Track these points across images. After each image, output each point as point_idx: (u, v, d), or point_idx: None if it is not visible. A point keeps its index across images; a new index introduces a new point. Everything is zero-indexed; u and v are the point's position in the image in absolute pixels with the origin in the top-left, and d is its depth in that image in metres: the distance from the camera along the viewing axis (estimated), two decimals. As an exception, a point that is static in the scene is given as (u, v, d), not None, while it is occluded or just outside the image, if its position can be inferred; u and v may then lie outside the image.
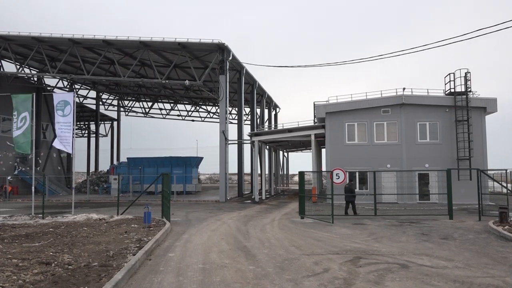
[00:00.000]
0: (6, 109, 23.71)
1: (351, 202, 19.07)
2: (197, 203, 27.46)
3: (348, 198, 19.11)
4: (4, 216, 18.81)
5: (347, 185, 19.45)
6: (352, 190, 19.29)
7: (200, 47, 30.06)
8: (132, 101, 55.59)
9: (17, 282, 7.08)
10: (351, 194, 19.11)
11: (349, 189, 19.25)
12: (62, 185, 40.44)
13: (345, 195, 19.22)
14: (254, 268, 8.77)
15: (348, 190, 19.20)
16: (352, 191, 19.25)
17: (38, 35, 30.12)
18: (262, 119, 43.87)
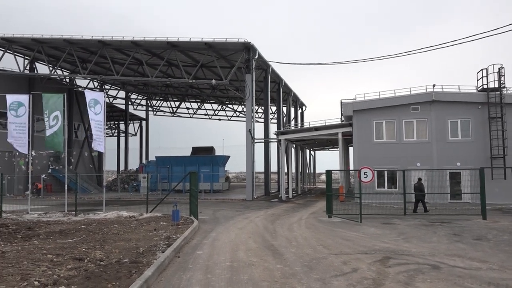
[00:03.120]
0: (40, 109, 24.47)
1: (420, 200, 19.27)
2: (224, 202, 27.65)
3: (417, 196, 19.30)
4: (39, 213, 19.47)
5: (416, 184, 19.60)
6: (421, 189, 19.40)
7: (226, 46, 30.21)
8: (160, 101, 56.48)
9: (52, 277, 7.32)
10: (421, 193, 19.25)
11: (419, 188, 19.37)
12: (93, 183, 41.51)
13: (415, 194, 19.39)
14: (282, 267, 8.76)
15: (418, 189, 19.35)
16: (421, 190, 19.37)
17: (70, 37, 30.97)
18: (288, 118, 43.73)
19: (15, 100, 20.55)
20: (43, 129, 36.01)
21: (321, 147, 50.38)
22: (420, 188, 19.44)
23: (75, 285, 6.85)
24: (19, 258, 8.97)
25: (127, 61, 32.30)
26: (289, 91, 42.13)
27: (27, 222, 16.04)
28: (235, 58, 31.91)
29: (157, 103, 57.18)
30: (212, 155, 39.09)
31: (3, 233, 13.00)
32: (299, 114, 49.42)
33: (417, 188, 19.46)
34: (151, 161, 42.69)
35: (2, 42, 32.80)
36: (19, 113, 20.28)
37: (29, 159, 23.04)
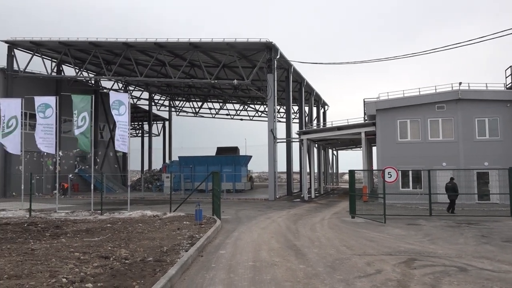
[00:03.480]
0: (67, 111, 25.13)
1: (453, 200, 18.94)
2: (247, 201, 27.71)
3: (451, 196, 18.94)
4: (67, 212, 19.97)
5: (449, 184, 19.24)
6: (455, 189, 19.03)
7: (248, 46, 30.27)
8: (182, 101, 57.09)
9: (79, 275, 7.49)
10: (454, 193, 18.90)
11: (452, 188, 19.02)
12: (118, 183, 42.27)
13: (448, 194, 19.02)
14: (305, 267, 8.72)
15: (451, 189, 19.00)
16: (455, 189, 19.00)
17: (95, 39, 31.61)
18: (310, 117, 43.50)
19: (43, 102, 21.15)
20: (69, 130, 37.05)
21: (344, 147, 49.91)
22: (453, 188, 19.00)
23: (101, 283, 6.99)
24: (48, 256, 9.22)
25: (151, 63, 32.75)
26: (311, 91, 41.90)
27: (55, 220, 16.46)
28: (257, 58, 31.94)
29: (180, 103, 57.83)
30: (234, 155, 39.25)
31: (32, 231, 13.39)
32: (322, 114, 49.10)
33: (450, 188, 19.01)
34: (174, 161, 43.18)
35: (31, 46, 33.76)
36: (46, 114, 20.86)
37: (56, 159, 23.63)
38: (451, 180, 19.36)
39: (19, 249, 10.07)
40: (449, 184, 19.22)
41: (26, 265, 8.30)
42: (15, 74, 33.55)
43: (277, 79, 31.67)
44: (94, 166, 25.52)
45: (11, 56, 33.75)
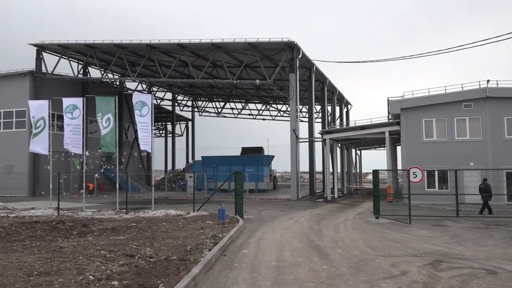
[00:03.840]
0: (93, 111, 25.63)
1: (486, 201, 18.50)
2: (269, 201, 27.70)
3: (485, 198, 18.50)
4: (93, 210, 20.41)
5: (482, 185, 18.82)
6: (488, 190, 18.58)
7: (270, 46, 30.24)
8: (205, 102, 57.55)
9: (106, 272, 7.64)
10: (488, 194, 18.47)
11: (485, 189, 18.59)
12: (142, 183, 42.92)
13: (481, 195, 18.58)
14: (328, 267, 8.65)
15: (484, 190, 18.56)
16: (488, 190, 18.55)
17: (119, 42, 32.19)
18: (333, 117, 43.15)
19: (70, 103, 21.67)
20: (95, 130, 37.83)
21: (367, 147, 49.29)
22: (487, 189, 18.49)
23: (127, 281, 7.11)
24: (75, 253, 9.44)
25: (174, 64, 33.12)
26: (333, 90, 41.55)
27: (82, 219, 16.84)
28: (279, 58, 31.88)
29: (202, 103, 58.33)
30: (257, 155, 39.29)
31: (60, 229, 13.73)
32: (344, 113, 48.62)
33: (484, 189, 18.50)
34: (197, 161, 43.53)
35: (58, 49, 34.63)
36: (74, 115, 21.37)
37: (83, 159, 24.17)
38: (484, 181, 18.88)
39: (48, 247, 10.35)
40: (482, 185, 18.72)
41: (54, 262, 8.53)
42: (43, 77, 34.48)
43: (300, 78, 31.54)
44: (119, 166, 25.98)
45: (39, 59, 34.70)
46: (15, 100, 34.31)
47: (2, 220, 16.76)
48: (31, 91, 34.12)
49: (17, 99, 33.96)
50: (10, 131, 35.31)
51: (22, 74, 34.80)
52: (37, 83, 34.22)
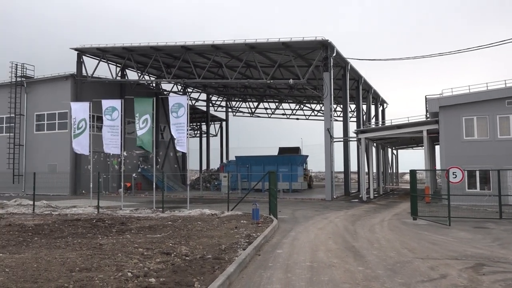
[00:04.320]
0: (131, 113, 26.34)
1: None
2: (303, 201, 27.55)
3: None
4: (131, 209, 20.97)
5: None
6: None
7: (303, 45, 30.07)
8: (239, 102, 57.91)
9: (143, 269, 7.84)
10: None
11: None
12: (178, 182, 43.69)
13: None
14: (363, 269, 8.52)
15: None
16: None
17: (155, 44, 32.90)
18: (368, 116, 42.38)
19: (109, 105, 22.38)
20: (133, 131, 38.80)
21: (404, 146, 48.10)
22: None
23: (164, 278, 7.27)
24: (114, 251, 9.73)
25: (208, 65, 33.51)
26: (368, 88, 40.82)
27: (121, 217, 17.34)
28: (313, 57, 31.64)
29: (236, 104, 58.73)
30: (290, 155, 39.17)
31: (100, 227, 14.20)
32: (380, 112, 47.66)
33: None
34: (231, 161, 43.85)
35: (97, 52, 35.81)
36: (113, 116, 22.06)
37: (121, 159, 24.87)
38: None
39: (89, 244, 10.72)
40: None
41: (95, 259, 8.83)
42: (83, 79, 35.74)
43: (334, 77, 31.18)
44: (155, 165, 26.51)
45: (80, 62, 35.97)
46: (57, 103, 35.75)
47: (46, 217, 17.52)
48: (72, 93, 35.44)
49: (60, 101, 35.37)
50: (53, 132, 36.84)
51: (64, 77, 36.22)
52: (78, 86, 35.50)
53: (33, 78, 38.08)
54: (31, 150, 37.58)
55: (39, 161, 36.51)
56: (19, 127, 37.57)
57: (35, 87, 37.96)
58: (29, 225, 14.41)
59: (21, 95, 37.68)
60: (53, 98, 36.50)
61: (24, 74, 37.87)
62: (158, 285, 6.80)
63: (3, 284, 6.80)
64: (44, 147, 36.85)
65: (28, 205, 22.39)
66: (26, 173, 36.64)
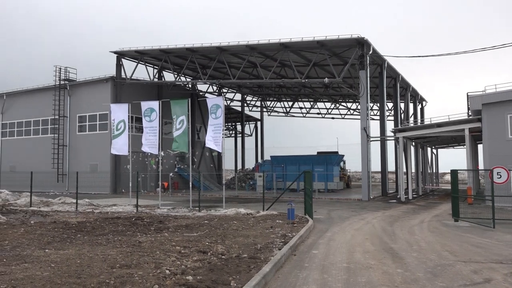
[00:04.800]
0: (167, 114, 26.88)
1: None
2: (339, 201, 27.22)
3: None
4: (168, 208, 21.41)
5: None
6: None
7: (339, 43, 29.70)
8: (274, 101, 57.90)
9: (181, 267, 7.99)
10: None
11: None
12: (213, 181, 44.21)
13: None
14: (402, 271, 8.31)
15: None
16: None
17: (191, 46, 33.43)
18: (406, 114, 41.32)
19: (148, 107, 22.96)
20: (170, 131, 39.64)
21: (445, 145, 46.54)
22: None
23: (200, 276, 7.37)
24: (153, 248, 9.96)
25: (243, 65, 33.71)
26: (406, 86, 39.80)
27: (159, 216, 17.74)
28: (348, 55, 31.20)
29: (271, 103, 58.73)
30: (326, 154, 38.80)
31: (139, 225, 14.58)
32: (419, 110, 46.37)
33: None
34: (266, 161, 43.94)
35: (135, 55, 36.79)
36: (151, 118, 22.62)
37: (159, 159, 25.42)
38: None
39: (128, 241, 11.03)
40: None
41: (134, 256, 9.07)
42: (122, 81, 36.81)
43: (370, 75, 30.61)
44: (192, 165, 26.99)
45: (119, 65, 37.08)
46: (98, 104, 37.02)
47: (88, 215, 18.18)
48: (112, 95, 36.58)
49: (100, 103, 36.62)
50: (94, 133, 38.17)
51: (104, 80, 37.45)
52: (117, 88, 36.60)
53: (75, 81, 39.60)
54: (74, 150, 39.11)
55: (81, 161, 37.94)
56: (63, 128, 39.18)
57: (77, 90, 39.47)
58: (72, 223, 14.99)
59: (64, 97, 39.28)
60: (94, 100, 37.83)
61: (67, 77, 39.45)
62: (195, 283, 6.91)
63: (49, 279, 7.11)
64: (86, 148, 38.26)
65: (72, 203, 23.31)
66: (69, 172, 38.19)
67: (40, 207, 21.92)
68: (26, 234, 12.27)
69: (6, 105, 44.25)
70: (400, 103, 39.00)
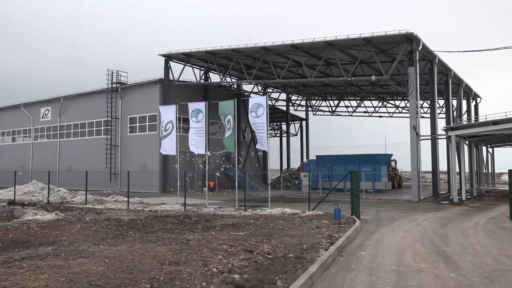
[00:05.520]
0: (213, 115, 27.33)
1: None
2: (387, 202, 26.50)
3: None
4: (215, 207, 21.76)
5: None
6: None
7: (386, 39, 28.90)
8: (319, 101, 57.31)
9: (227, 266, 8.10)
10: None
11: None
12: (259, 181, 44.43)
13: None
14: (456, 276, 7.97)
15: None
16: None
17: (236, 47, 33.78)
18: (459, 112, 39.54)
19: (195, 108, 23.47)
20: (215, 132, 40.32)
21: (502, 144, 44.08)
22: None
23: (247, 275, 7.44)
24: (200, 246, 10.17)
25: (287, 64, 33.62)
26: (459, 82, 38.07)
27: (206, 214, 18.07)
28: (396, 51, 30.29)
29: (316, 102, 58.18)
30: (373, 154, 37.94)
31: (187, 223, 14.92)
32: (472, 107, 44.21)
33: None
34: (311, 160, 43.60)
35: (182, 57, 37.67)
36: (198, 118, 23.10)
37: (206, 159, 25.89)
38: None
39: (177, 239, 11.32)
40: None
41: (182, 253, 9.30)
42: (170, 83, 37.83)
43: (420, 72, 29.55)
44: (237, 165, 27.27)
45: (167, 67, 38.14)
46: (148, 106, 38.28)
47: (138, 213, 18.84)
48: (160, 97, 37.69)
49: (149, 105, 37.85)
50: (144, 134, 39.50)
51: (153, 82, 38.65)
52: (165, 90, 37.65)
53: (126, 84, 41.15)
54: (125, 150, 40.67)
55: (132, 160, 39.38)
56: (115, 129, 40.85)
57: (128, 92, 41.01)
58: (124, 220, 15.60)
59: (116, 100, 40.93)
60: (144, 102, 39.15)
61: (118, 80, 41.09)
62: (241, 282, 6.97)
63: (103, 273, 7.44)
64: (136, 148, 39.67)
65: (123, 201, 24.25)
66: (121, 172, 39.75)
67: (95, 205, 22.98)
68: (82, 231, 12.91)
69: (63, 108, 46.74)
70: (452, 100, 37.39)
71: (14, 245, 10.56)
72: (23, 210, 17.96)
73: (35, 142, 50.18)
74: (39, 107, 49.87)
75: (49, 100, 48.68)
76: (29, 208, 19.50)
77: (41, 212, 17.70)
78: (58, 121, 47.29)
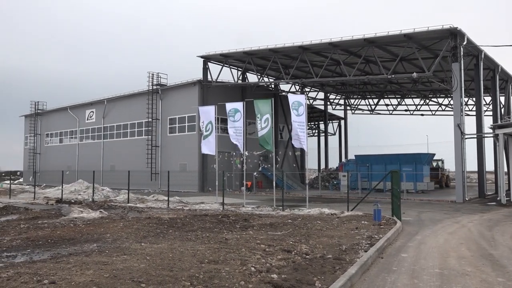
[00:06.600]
0: (251, 115, 27.46)
1: None
2: (430, 203, 25.68)
3: None
4: (253, 206, 21.87)
5: None
6: None
7: (428, 35, 27.98)
8: (358, 99, 56.29)
9: (265, 265, 8.12)
10: None
11: None
12: (296, 181, 44.22)
13: None
14: (504, 281, 7.61)
15: None
16: None
17: (274, 46, 33.77)
18: (508, 109, 37.70)
19: (232, 107, 23.68)
20: (253, 131, 40.48)
21: (555, 142, 41.66)
22: None
23: (285, 275, 7.42)
24: (238, 246, 10.25)
25: (325, 63, 33.27)
26: (507, 78, 36.32)
27: (243, 214, 18.20)
28: (439, 47, 29.27)
29: (355, 101, 57.17)
30: (414, 153, 36.84)
31: (225, 222, 15.08)
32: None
33: None
34: (350, 160, 42.90)
35: (220, 58, 38.09)
36: (236, 118, 23.30)
37: (243, 159, 26.07)
38: None
39: (216, 238, 11.47)
40: None
41: (221, 252, 9.41)
42: (208, 84, 38.36)
43: (464, 68, 28.39)
44: (275, 164, 27.25)
45: (205, 69, 38.69)
46: (187, 107, 39.01)
47: (178, 212, 19.24)
48: (199, 98, 38.29)
49: (189, 105, 38.56)
50: (183, 134, 40.26)
51: (192, 83, 39.33)
52: (204, 91, 38.22)
53: (166, 85, 42.11)
54: (165, 151, 41.62)
55: (172, 160, 40.25)
56: (155, 130, 41.89)
57: (168, 93, 41.94)
58: (164, 219, 15.97)
59: (156, 101, 41.98)
60: (183, 103, 39.91)
61: (159, 82, 42.10)
62: (280, 282, 6.97)
63: (145, 270, 7.65)
64: (176, 148, 40.51)
65: (164, 200, 24.84)
66: (161, 171, 40.72)
67: (136, 204, 23.67)
68: (124, 228, 13.33)
69: (107, 109, 48.46)
70: (500, 97, 35.73)
71: (62, 242, 11.06)
72: (70, 208, 18.80)
73: (80, 143, 52.33)
74: (84, 109, 51.95)
75: (93, 102, 50.63)
76: (75, 206, 20.38)
77: (86, 210, 18.46)
78: (102, 122, 49.07)
